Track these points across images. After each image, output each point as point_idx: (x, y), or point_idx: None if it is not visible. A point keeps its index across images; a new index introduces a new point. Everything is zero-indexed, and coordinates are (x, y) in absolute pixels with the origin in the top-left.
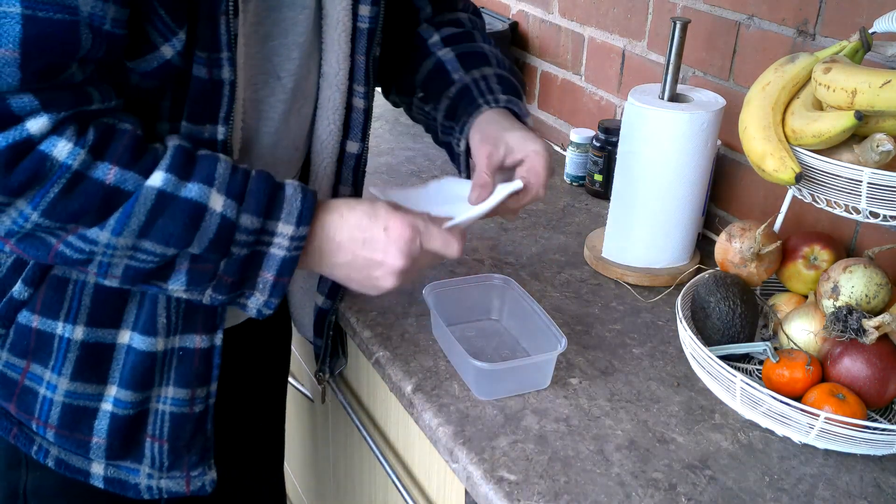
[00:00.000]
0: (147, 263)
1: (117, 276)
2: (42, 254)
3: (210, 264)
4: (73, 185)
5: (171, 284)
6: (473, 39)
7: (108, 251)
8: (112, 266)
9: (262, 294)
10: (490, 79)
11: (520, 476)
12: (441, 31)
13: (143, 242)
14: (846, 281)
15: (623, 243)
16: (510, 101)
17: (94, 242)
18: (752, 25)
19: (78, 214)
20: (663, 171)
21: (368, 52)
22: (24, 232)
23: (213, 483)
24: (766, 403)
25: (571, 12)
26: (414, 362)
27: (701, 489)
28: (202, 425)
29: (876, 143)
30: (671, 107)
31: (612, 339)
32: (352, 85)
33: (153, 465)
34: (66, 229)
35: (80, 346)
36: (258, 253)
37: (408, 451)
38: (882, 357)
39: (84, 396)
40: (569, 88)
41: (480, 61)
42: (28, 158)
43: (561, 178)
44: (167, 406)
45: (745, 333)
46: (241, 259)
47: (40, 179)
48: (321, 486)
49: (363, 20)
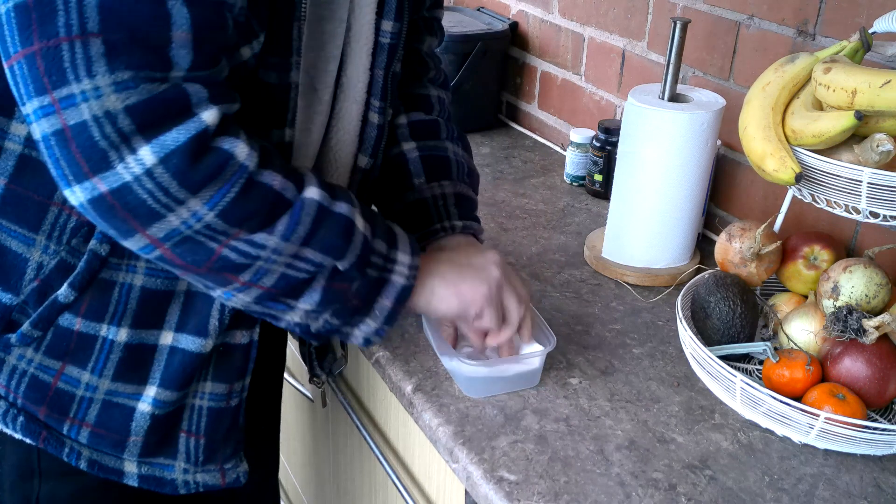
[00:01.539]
0: (301, 273)
1: (265, 286)
2: (199, 259)
3: (346, 283)
4: (250, 188)
5: (302, 303)
6: (439, 135)
7: (272, 256)
8: (268, 274)
9: (374, 321)
10: (448, 199)
11: (520, 476)
12: (410, 115)
13: (304, 251)
14: (846, 281)
15: (623, 243)
16: (465, 226)
17: (261, 247)
18: (752, 25)
19: (249, 218)
20: (663, 171)
21: (388, 68)
22: (186, 235)
23: (245, 474)
24: (766, 403)
25: (571, 12)
26: (414, 362)
27: (701, 489)
28: (236, 419)
29: (876, 143)
30: (671, 107)
31: (612, 339)
32: (369, 99)
33: (188, 460)
34: (230, 233)
35: (123, 347)
36: (383, 279)
37: (408, 451)
38: (882, 357)
39: (123, 395)
40: (569, 88)
41: (442, 171)
42: (213, 154)
43: (561, 178)
44: (205, 401)
45: (745, 333)
46: (371, 282)
47: (221, 178)
48: (321, 486)
49: (385, 35)
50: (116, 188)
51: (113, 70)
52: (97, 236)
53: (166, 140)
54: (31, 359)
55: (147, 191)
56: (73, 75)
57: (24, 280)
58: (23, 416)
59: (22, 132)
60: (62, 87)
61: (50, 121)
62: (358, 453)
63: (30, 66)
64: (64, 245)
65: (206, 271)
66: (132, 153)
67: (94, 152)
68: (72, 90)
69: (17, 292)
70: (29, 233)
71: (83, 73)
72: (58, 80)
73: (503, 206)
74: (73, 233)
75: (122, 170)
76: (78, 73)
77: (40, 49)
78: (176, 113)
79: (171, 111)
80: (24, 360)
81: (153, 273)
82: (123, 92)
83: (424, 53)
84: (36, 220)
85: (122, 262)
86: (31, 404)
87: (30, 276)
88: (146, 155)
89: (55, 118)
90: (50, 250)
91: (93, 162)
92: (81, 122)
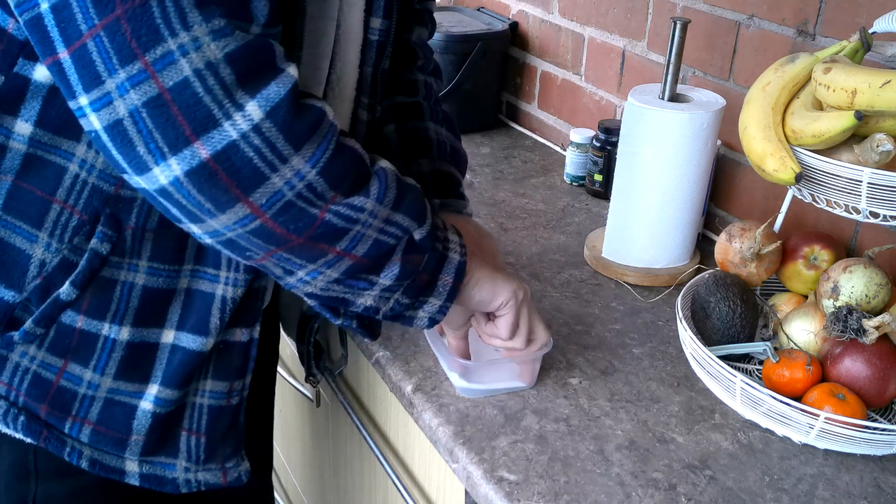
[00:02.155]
0: (392, 238)
1: (358, 254)
2: (303, 225)
3: (420, 255)
4: (341, 148)
5: (383, 278)
6: (421, 116)
7: (370, 220)
8: (363, 240)
9: (438, 298)
10: (426, 178)
11: (520, 476)
12: (393, 99)
13: (395, 215)
14: (846, 281)
15: (623, 243)
16: (444, 204)
17: (360, 210)
18: (752, 25)
19: (344, 179)
20: (663, 171)
21: (377, 65)
22: (289, 200)
23: (247, 473)
24: (766, 403)
25: (571, 12)
26: (414, 362)
27: (701, 489)
28: (237, 417)
29: (876, 143)
30: (671, 107)
31: (612, 339)
32: (358, 97)
33: (189, 459)
34: (328, 197)
35: (125, 346)
36: (445, 254)
37: (408, 451)
38: (882, 357)
39: (126, 394)
40: (569, 88)
41: (420, 150)
42: (311, 110)
43: (561, 178)
44: (206, 399)
45: (745, 333)
46: (437, 256)
47: (319, 134)
48: (321, 486)
49: (374, 32)
50: (222, 149)
51: (208, 18)
52: (98, 235)
53: (269, 93)
54: (33, 356)
55: (254, 148)
56: (168, 30)
57: (28, 277)
58: (24, 415)
59: (26, 131)
60: (157, 46)
61: (141, 89)
62: (358, 453)
63: (112, 36)
64: (66, 243)
65: (305, 241)
66: (238, 109)
67: (198, 111)
68: (169, 47)
69: (20, 290)
70: (32, 230)
71: (178, 25)
72: (150, 39)
73: (503, 206)
74: (75, 231)
75: (230, 127)
76: (173, 26)
77: (125, 12)
78: (269, 64)
79: (265, 62)
80: (27, 357)
81: (155, 272)
82: (222, 40)
83: (413, 43)
84: (39, 218)
85: (123, 260)
86: (32, 402)
87: (33, 273)
88: (253, 110)
89: (149, 84)
90: (52, 248)
91: (197, 122)
92: (182, 80)
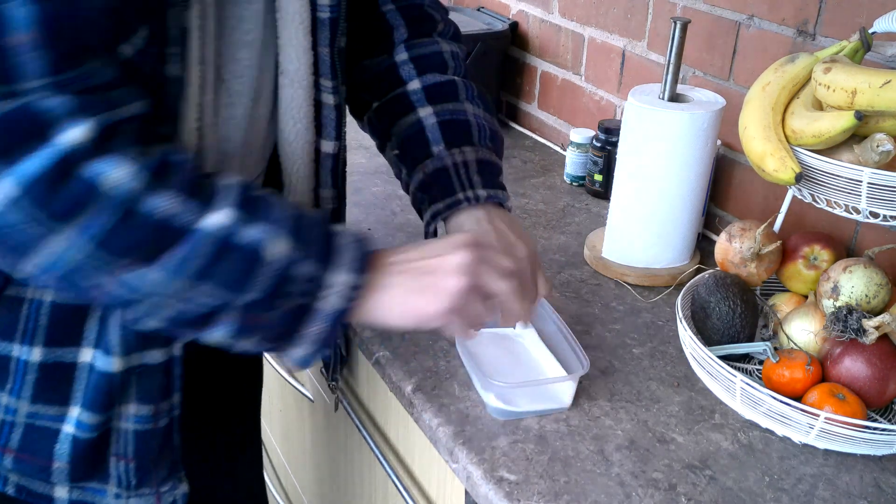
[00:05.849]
0: (201, 308)
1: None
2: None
3: (262, 313)
4: (130, 216)
5: (216, 332)
6: (457, 96)
7: (161, 291)
8: (163, 308)
9: (302, 348)
10: (471, 166)
11: (520, 476)
12: (423, 79)
13: (200, 286)
14: (846, 281)
15: (623, 243)
16: (490, 196)
17: (148, 282)
18: (752, 25)
19: (133, 249)
20: (663, 171)
21: (332, 44)
22: (72, 265)
23: (184, 497)
24: (767, 403)
25: (571, 12)
26: (414, 362)
27: (701, 489)
28: (168, 439)
29: (876, 143)
30: (671, 107)
31: (612, 339)
32: (318, 80)
33: (120, 485)
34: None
35: (38, 367)
36: (305, 307)
37: (408, 451)
38: (882, 357)
39: (46, 418)
40: (569, 88)
41: (463, 136)
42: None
43: (561, 178)
44: (130, 424)
45: (745, 333)
46: (291, 311)
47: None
48: (321, 486)
49: (323, 9)
50: None
51: None
52: None
53: (25, 169)
54: None
55: (19, 221)
56: None
57: None
58: None
59: None
60: None
61: None
62: (358, 453)
63: None
64: None
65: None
66: None
67: None
68: None
69: None
70: None
71: None
72: None
73: None
74: None
75: None
76: None
77: None
78: (30, 135)
79: (24, 133)
80: None
81: None
82: None
83: (428, 6)
84: None
85: None
86: None
87: None
88: (10, 185)
89: None
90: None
91: None
92: None
